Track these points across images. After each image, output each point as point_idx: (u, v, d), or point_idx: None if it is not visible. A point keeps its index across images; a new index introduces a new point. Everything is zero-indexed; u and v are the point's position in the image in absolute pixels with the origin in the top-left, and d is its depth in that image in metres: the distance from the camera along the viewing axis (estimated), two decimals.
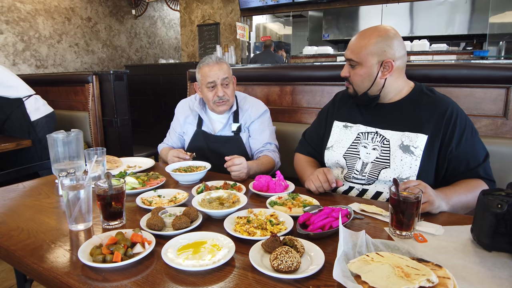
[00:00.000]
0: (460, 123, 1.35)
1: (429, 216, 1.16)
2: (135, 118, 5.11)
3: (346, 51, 1.45)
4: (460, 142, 1.34)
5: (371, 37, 1.37)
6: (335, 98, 1.70)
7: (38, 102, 2.97)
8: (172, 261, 0.88)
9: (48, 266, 0.90)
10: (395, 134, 1.42)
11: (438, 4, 6.73)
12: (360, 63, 1.39)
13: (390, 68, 1.38)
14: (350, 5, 5.63)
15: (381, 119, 1.47)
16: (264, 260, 0.89)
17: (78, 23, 6.65)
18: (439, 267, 0.79)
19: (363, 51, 1.37)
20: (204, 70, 1.82)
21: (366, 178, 1.45)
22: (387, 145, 1.42)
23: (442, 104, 1.38)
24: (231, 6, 6.50)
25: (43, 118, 2.94)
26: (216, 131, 1.94)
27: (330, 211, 1.08)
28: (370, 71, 1.39)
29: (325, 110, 1.72)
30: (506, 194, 0.92)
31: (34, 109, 2.91)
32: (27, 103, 2.89)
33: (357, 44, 1.40)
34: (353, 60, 1.40)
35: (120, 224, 1.14)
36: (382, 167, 1.42)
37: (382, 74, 1.39)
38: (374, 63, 1.38)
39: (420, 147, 1.36)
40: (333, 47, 7.95)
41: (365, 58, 1.38)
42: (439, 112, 1.37)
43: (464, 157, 1.34)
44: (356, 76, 1.42)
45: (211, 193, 1.30)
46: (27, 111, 2.87)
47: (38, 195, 1.44)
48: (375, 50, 1.36)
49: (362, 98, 1.47)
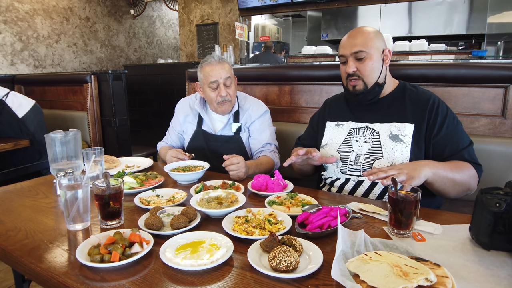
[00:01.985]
0: (441, 111, 1.43)
1: (428, 215, 1.16)
2: (134, 118, 5.09)
3: (347, 47, 1.48)
4: (442, 127, 1.41)
5: (369, 30, 1.48)
6: (325, 104, 1.77)
7: (18, 97, 2.91)
8: (170, 260, 0.88)
9: (46, 266, 0.90)
10: (383, 126, 1.49)
11: (436, 4, 6.74)
12: (370, 53, 1.45)
13: (388, 56, 1.50)
14: (348, 5, 5.63)
15: (370, 114, 1.54)
16: (263, 260, 0.89)
17: (77, 23, 6.64)
18: (438, 266, 0.79)
19: (370, 42, 1.45)
20: (206, 70, 1.82)
21: (361, 168, 1.49)
22: (377, 136, 1.49)
23: (425, 95, 1.48)
24: (230, 6, 6.50)
25: (29, 112, 2.88)
26: (217, 131, 1.94)
27: (328, 210, 1.08)
28: (378, 60, 1.47)
29: (315, 115, 1.79)
30: (504, 193, 0.92)
31: (18, 105, 2.84)
32: (8, 101, 2.82)
33: (362, 37, 1.46)
34: (362, 51, 1.45)
35: (118, 223, 1.14)
36: (376, 158, 1.47)
37: (385, 62, 1.50)
38: (380, 52, 1.48)
39: (408, 135, 1.43)
40: (331, 47, 7.94)
41: (373, 48, 1.45)
42: (422, 102, 1.46)
43: (448, 141, 1.41)
44: (367, 67, 1.46)
45: (209, 193, 1.29)
46: (13, 110, 2.80)
47: (36, 195, 1.44)
48: (378, 40, 1.47)
49: (372, 91, 1.50)
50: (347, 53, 1.48)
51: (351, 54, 1.46)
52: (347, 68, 1.49)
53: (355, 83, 1.50)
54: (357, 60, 1.47)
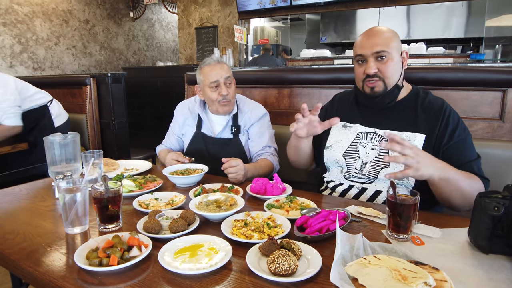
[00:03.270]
0: (452, 120, 1.39)
1: (426, 219, 1.16)
2: (133, 120, 5.10)
3: (369, 47, 1.41)
4: (452, 137, 1.37)
5: (388, 30, 1.44)
6: (334, 99, 1.71)
7: (59, 106, 2.94)
8: (169, 264, 0.87)
9: (44, 270, 0.89)
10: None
11: (434, 7, 6.77)
12: (391, 53, 1.41)
13: (406, 58, 1.47)
14: (347, 8, 5.65)
15: (380, 120, 1.49)
16: (262, 263, 0.89)
17: (76, 26, 6.65)
18: (437, 270, 0.79)
19: (391, 42, 1.41)
20: (206, 70, 1.82)
21: (366, 177, 1.46)
22: None
23: (437, 104, 1.43)
24: (229, 9, 6.52)
25: (64, 124, 2.91)
26: (216, 133, 1.94)
27: (327, 213, 1.08)
28: (399, 60, 1.44)
29: (323, 110, 1.69)
30: (502, 197, 0.92)
31: (57, 114, 2.88)
32: (51, 108, 2.86)
33: (382, 37, 1.41)
34: (384, 51, 1.39)
35: (117, 227, 1.14)
36: (382, 166, 1.43)
37: (403, 64, 1.47)
38: (399, 53, 1.44)
39: (418, 146, 1.37)
40: (330, 50, 7.98)
41: (394, 48, 1.42)
42: (434, 112, 1.41)
43: (456, 152, 1.37)
44: (389, 68, 1.41)
45: (208, 196, 1.29)
46: (52, 117, 2.84)
47: (34, 198, 1.43)
48: (396, 41, 1.43)
49: (390, 94, 1.44)
50: (367, 52, 1.40)
51: (372, 54, 1.40)
52: (367, 69, 1.41)
53: (374, 84, 1.43)
54: (378, 61, 1.41)
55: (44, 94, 2.88)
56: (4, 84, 2.55)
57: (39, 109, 2.79)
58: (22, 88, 2.70)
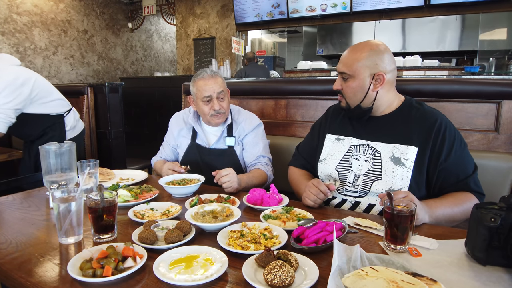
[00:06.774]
0: (449, 135, 1.37)
1: (423, 230, 1.16)
2: (129, 130, 5.08)
3: (338, 64, 1.47)
4: (450, 154, 1.35)
5: (363, 50, 1.41)
6: (328, 112, 1.72)
7: (76, 117, 2.66)
8: (164, 275, 0.86)
9: (36, 281, 0.88)
10: (386, 146, 1.43)
11: (429, 21, 6.88)
12: (352, 76, 1.42)
13: (381, 81, 1.41)
14: (343, 21, 5.73)
15: (372, 132, 1.49)
16: (258, 275, 0.88)
17: (74, 35, 6.69)
18: (434, 282, 0.78)
19: (356, 64, 1.40)
20: (199, 84, 1.83)
21: (359, 190, 1.46)
22: (379, 157, 1.43)
23: (431, 116, 1.41)
24: (227, 21, 6.59)
25: (77, 137, 2.66)
26: (211, 144, 1.93)
27: (324, 225, 1.08)
28: (363, 84, 1.42)
29: (317, 123, 1.73)
30: (499, 208, 0.92)
31: (72, 126, 2.60)
32: (67, 119, 2.56)
33: (350, 57, 1.43)
34: (345, 73, 1.43)
35: (112, 237, 1.12)
36: (374, 179, 1.42)
37: (374, 86, 1.42)
38: (366, 75, 1.41)
39: (411, 159, 1.37)
40: (327, 62, 8.04)
41: (357, 70, 1.41)
42: (428, 124, 1.39)
43: (454, 169, 1.36)
44: (349, 89, 1.44)
45: (204, 207, 1.28)
46: (65, 129, 2.55)
47: (28, 207, 1.41)
48: (368, 63, 1.40)
49: (355, 111, 1.49)
50: (338, 68, 1.47)
51: (339, 72, 1.47)
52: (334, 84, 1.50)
53: (340, 99, 1.52)
54: (343, 79, 1.46)
55: (65, 103, 2.59)
56: (8, 83, 2.22)
57: (53, 117, 2.49)
58: (42, 91, 2.38)
